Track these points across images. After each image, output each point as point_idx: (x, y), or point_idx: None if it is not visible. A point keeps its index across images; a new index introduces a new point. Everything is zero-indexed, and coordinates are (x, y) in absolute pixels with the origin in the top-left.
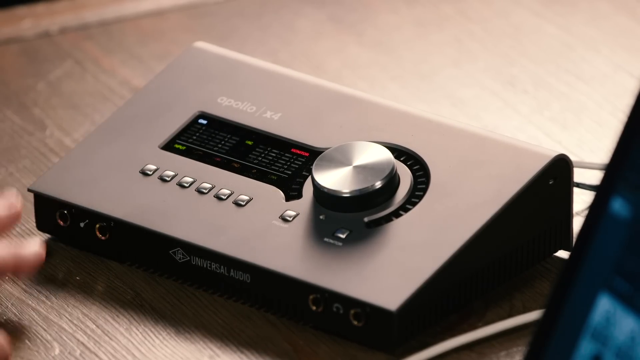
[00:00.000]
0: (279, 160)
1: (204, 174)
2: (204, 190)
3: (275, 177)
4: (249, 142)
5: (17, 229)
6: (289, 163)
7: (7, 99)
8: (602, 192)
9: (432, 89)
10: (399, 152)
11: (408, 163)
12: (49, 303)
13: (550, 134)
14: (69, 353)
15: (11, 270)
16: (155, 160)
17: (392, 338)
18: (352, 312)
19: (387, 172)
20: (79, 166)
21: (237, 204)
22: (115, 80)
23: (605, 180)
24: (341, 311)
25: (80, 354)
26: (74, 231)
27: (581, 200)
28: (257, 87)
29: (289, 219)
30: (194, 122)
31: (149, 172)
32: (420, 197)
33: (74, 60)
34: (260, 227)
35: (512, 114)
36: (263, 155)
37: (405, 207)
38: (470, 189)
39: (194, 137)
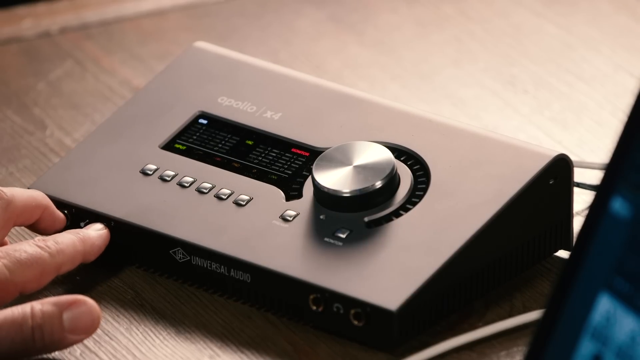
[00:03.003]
0: (279, 160)
1: (204, 174)
2: (204, 190)
3: (276, 177)
4: (249, 142)
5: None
6: (289, 163)
7: (7, 99)
8: (602, 192)
9: (432, 88)
10: (399, 152)
11: (408, 163)
12: None
13: (551, 133)
14: (69, 353)
15: (82, 256)
16: (155, 160)
17: (392, 338)
18: (352, 311)
19: (387, 172)
20: (79, 166)
21: (237, 203)
22: (115, 80)
23: (605, 180)
24: (341, 311)
25: (80, 354)
26: None
27: (581, 200)
28: (258, 87)
29: (289, 218)
30: (194, 122)
31: (149, 172)
32: (420, 197)
33: (74, 60)
34: (260, 227)
35: (513, 113)
36: (263, 155)
37: (405, 207)
38: (470, 189)
39: (194, 137)
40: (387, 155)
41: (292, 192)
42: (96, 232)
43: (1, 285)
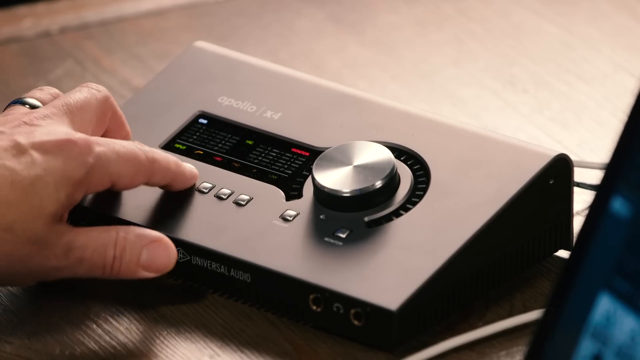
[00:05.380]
0: (279, 160)
1: (204, 174)
2: (204, 190)
3: (276, 177)
4: (249, 142)
5: None
6: (289, 163)
7: (7, 99)
8: (603, 191)
9: (432, 88)
10: (399, 152)
11: (408, 163)
12: (50, 302)
13: (551, 133)
14: (69, 353)
15: (172, 177)
16: None
17: (392, 338)
18: (352, 311)
19: (387, 171)
20: None
21: (237, 203)
22: (115, 79)
23: (605, 179)
24: (341, 311)
25: (80, 354)
26: None
27: (581, 200)
28: (258, 86)
29: (289, 218)
30: (194, 122)
31: None
32: (420, 197)
33: (74, 59)
34: (260, 227)
35: (512, 113)
36: (263, 154)
37: (405, 206)
38: (470, 189)
39: (194, 137)
40: (387, 155)
41: (292, 192)
42: (190, 167)
43: (97, 172)
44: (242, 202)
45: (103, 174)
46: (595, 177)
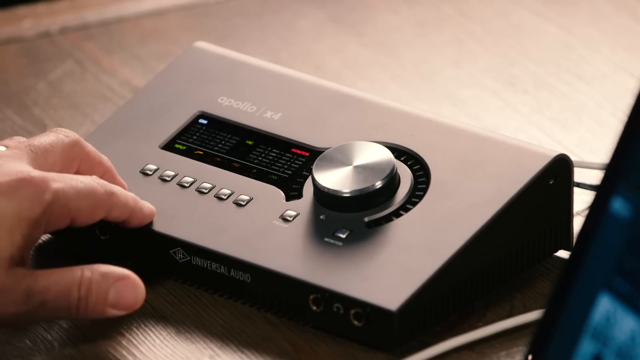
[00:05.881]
0: (279, 160)
1: (204, 174)
2: (204, 190)
3: (276, 177)
4: (249, 142)
5: None
6: (289, 163)
7: (7, 99)
8: (603, 192)
9: (432, 89)
10: (399, 152)
11: (408, 163)
12: None
13: (551, 133)
14: (69, 353)
15: (130, 212)
16: (155, 160)
17: (392, 338)
18: (352, 312)
19: (387, 172)
20: None
21: (237, 203)
22: (115, 80)
23: (605, 180)
24: (341, 311)
25: (80, 354)
26: (74, 231)
27: (581, 200)
28: (258, 87)
29: (289, 218)
30: (194, 122)
31: (149, 172)
32: (420, 197)
33: (74, 60)
34: (260, 227)
35: (513, 113)
36: (263, 155)
37: (405, 207)
38: (470, 189)
39: (194, 137)
40: (387, 155)
41: (292, 192)
42: (148, 205)
43: (55, 209)
44: (242, 203)
45: (62, 210)
46: (595, 177)
